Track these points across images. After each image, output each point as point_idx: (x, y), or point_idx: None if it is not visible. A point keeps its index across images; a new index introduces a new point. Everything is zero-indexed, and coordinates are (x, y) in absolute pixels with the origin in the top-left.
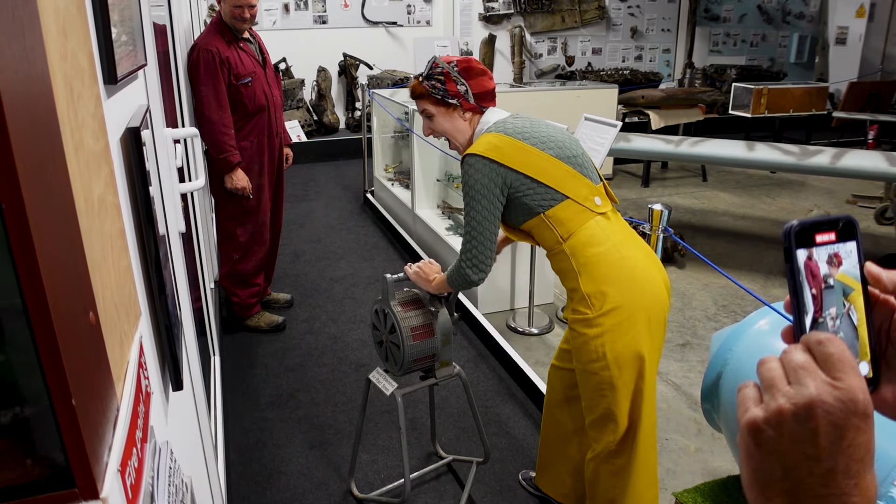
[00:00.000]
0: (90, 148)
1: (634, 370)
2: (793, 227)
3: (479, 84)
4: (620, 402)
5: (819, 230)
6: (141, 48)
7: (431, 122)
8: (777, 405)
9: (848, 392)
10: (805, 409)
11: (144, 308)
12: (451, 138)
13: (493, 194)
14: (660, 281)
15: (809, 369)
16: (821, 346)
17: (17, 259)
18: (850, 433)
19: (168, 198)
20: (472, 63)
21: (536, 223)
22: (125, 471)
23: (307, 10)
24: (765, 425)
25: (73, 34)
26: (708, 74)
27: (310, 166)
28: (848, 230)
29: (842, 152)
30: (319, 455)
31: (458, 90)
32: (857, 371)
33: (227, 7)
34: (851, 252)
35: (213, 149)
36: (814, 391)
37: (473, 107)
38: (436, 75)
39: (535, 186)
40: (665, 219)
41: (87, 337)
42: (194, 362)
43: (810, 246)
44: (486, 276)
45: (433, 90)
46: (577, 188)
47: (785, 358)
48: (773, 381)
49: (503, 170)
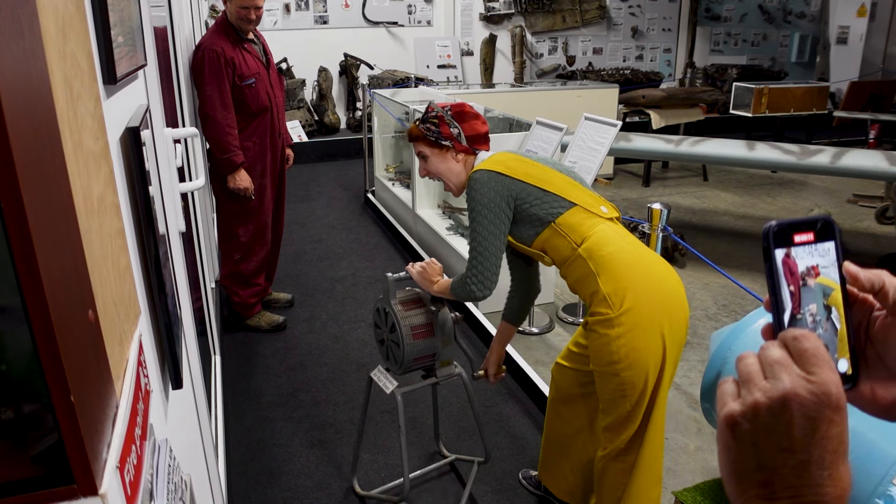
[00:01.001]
0: (89, 147)
1: (657, 367)
2: (771, 228)
3: (471, 127)
4: (640, 402)
5: (797, 230)
6: (141, 48)
7: (426, 164)
8: (753, 399)
9: (821, 385)
10: (779, 402)
11: (144, 307)
12: (445, 179)
13: (499, 207)
14: (675, 282)
15: (785, 364)
16: (796, 341)
17: (16, 258)
18: (823, 425)
19: (168, 197)
20: (465, 108)
21: (549, 234)
22: (124, 468)
23: (308, 11)
24: (741, 418)
25: (73, 34)
26: (709, 74)
27: (311, 166)
28: (826, 230)
29: (843, 152)
30: (320, 454)
31: (451, 132)
32: (830, 365)
33: (234, 8)
34: (830, 252)
35: (217, 149)
36: (788, 385)
37: (466, 148)
38: (430, 119)
39: (541, 195)
40: (664, 218)
41: (86, 335)
42: (194, 361)
43: (788, 245)
44: (489, 293)
45: (428, 132)
46: (581, 196)
47: (762, 354)
48: (749, 376)
49: (509, 181)
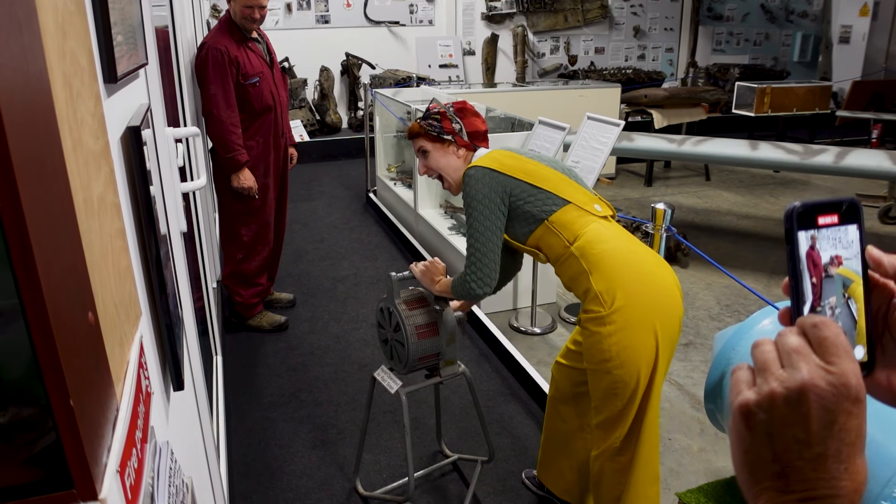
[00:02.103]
0: (89, 147)
1: (650, 365)
2: (795, 209)
3: (472, 124)
4: (633, 400)
5: (821, 212)
6: (142, 47)
7: (427, 159)
8: (769, 388)
9: (840, 377)
10: (797, 393)
11: (145, 308)
12: (444, 175)
13: (493, 203)
14: (670, 280)
15: (803, 353)
16: (815, 329)
17: (14, 259)
18: (841, 417)
19: (169, 197)
20: (466, 105)
21: (542, 232)
22: (124, 471)
23: (310, 10)
24: (756, 408)
25: (73, 32)
26: (711, 73)
27: (312, 166)
28: (851, 213)
29: (845, 151)
30: (322, 455)
31: (452, 128)
32: (850, 355)
33: (238, 7)
34: (853, 235)
35: (221, 148)
36: (806, 375)
37: (467, 143)
38: (432, 115)
39: (535, 192)
40: (668, 218)
41: (85, 337)
42: (196, 362)
43: (812, 228)
44: (490, 291)
45: (430, 128)
46: (575, 194)
47: (780, 341)
48: (766, 364)
49: (503, 177)
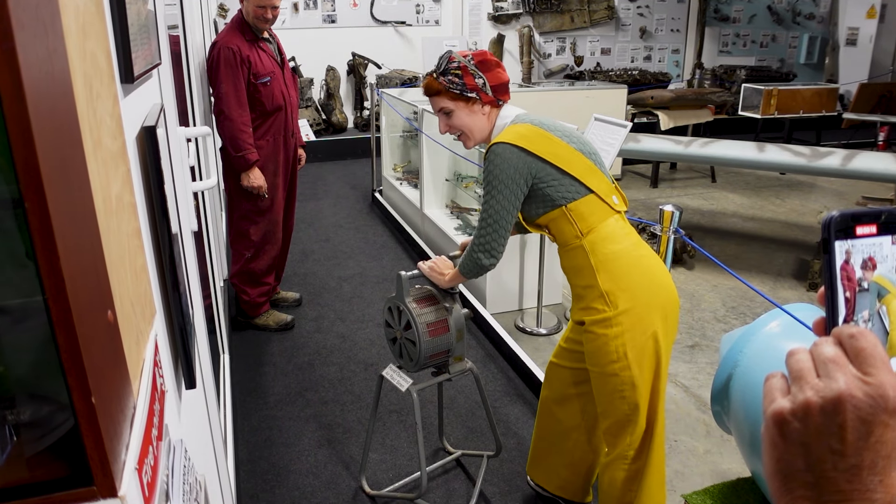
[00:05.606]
0: (108, 147)
1: (653, 368)
2: (833, 218)
3: (496, 76)
4: (641, 402)
5: (860, 222)
6: (155, 47)
7: (450, 119)
8: (805, 397)
9: (878, 388)
10: (833, 403)
11: (159, 306)
12: (469, 134)
13: (516, 184)
14: (670, 284)
15: (840, 363)
16: (853, 339)
17: (39, 258)
18: (878, 429)
19: (181, 196)
20: (487, 56)
21: (557, 216)
22: (142, 469)
23: (316, 10)
24: (791, 417)
25: (93, 33)
26: (717, 75)
27: (318, 165)
28: (890, 223)
29: (852, 154)
30: (328, 453)
31: (476, 83)
32: (888, 366)
33: (251, 7)
34: (891, 247)
35: (232, 146)
36: (843, 385)
37: (492, 100)
38: (452, 70)
39: (560, 177)
40: (676, 220)
41: (105, 335)
42: (205, 361)
43: (849, 238)
44: (497, 262)
45: (451, 85)
46: (598, 184)
47: (815, 350)
48: (801, 373)
49: (531, 159)
